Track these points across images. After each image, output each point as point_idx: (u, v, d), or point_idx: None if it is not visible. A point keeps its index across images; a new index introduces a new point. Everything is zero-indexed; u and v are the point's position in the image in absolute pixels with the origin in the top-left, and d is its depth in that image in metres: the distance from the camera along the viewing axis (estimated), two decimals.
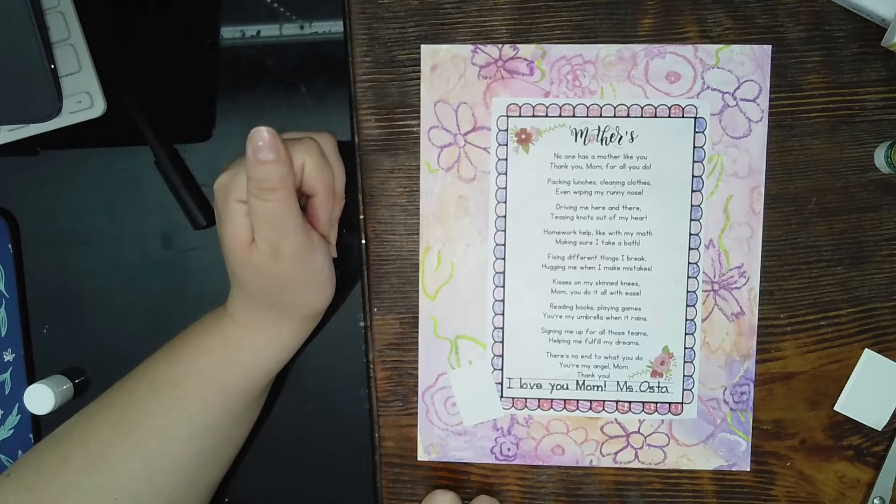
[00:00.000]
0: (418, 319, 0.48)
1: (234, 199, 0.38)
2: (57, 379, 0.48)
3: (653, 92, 0.46)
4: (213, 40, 0.48)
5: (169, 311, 0.49)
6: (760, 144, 0.46)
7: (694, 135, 0.46)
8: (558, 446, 0.48)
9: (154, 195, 0.48)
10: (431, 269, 0.48)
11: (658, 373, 0.48)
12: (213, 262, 0.48)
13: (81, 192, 0.49)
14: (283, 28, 0.48)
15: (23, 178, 0.49)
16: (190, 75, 0.49)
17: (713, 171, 0.46)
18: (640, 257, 0.47)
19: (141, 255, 0.49)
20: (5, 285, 0.49)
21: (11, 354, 0.49)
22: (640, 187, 0.47)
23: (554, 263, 0.47)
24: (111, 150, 0.49)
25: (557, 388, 0.48)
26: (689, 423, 0.48)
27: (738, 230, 0.47)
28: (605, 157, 0.47)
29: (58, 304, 0.49)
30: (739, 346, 0.47)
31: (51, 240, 0.49)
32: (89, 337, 0.49)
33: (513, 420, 0.48)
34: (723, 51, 0.46)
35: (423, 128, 0.47)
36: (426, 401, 0.48)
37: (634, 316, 0.47)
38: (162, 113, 0.47)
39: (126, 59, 0.47)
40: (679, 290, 0.47)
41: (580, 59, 0.46)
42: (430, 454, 0.49)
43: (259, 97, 0.48)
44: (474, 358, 0.48)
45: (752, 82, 0.46)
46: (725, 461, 0.48)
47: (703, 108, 0.46)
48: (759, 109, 0.46)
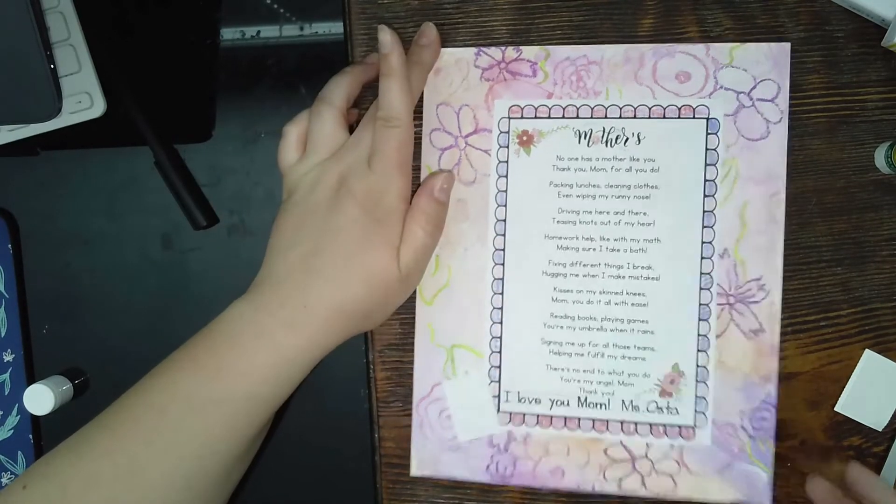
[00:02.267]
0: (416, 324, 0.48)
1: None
2: (57, 379, 0.48)
3: (661, 92, 0.44)
4: (213, 40, 0.48)
5: (169, 312, 0.49)
6: (780, 147, 0.44)
7: (706, 136, 0.44)
8: (558, 468, 0.45)
9: (154, 195, 0.48)
10: (429, 273, 0.46)
11: (667, 392, 0.44)
12: (213, 262, 0.48)
13: (81, 192, 0.49)
14: (283, 28, 0.48)
15: (23, 178, 0.49)
16: (190, 75, 0.49)
17: (727, 176, 0.44)
18: (647, 266, 0.44)
19: (141, 255, 0.49)
20: (5, 285, 0.49)
21: (11, 355, 0.49)
22: (648, 191, 0.44)
23: (555, 270, 0.45)
24: (111, 150, 0.49)
25: (558, 404, 0.45)
26: (702, 451, 0.44)
27: (756, 239, 0.44)
28: (609, 159, 0.45)
29: (58, 304, 0.49)
30: (759, 367, 0.44)
31: (51, 240, 0.49)
32: (89, 337, 0.49)
33: (510, 437, 0.46)
34: (737, 49, 0.44)
35: (425, 130, 0.47)
36: (420, 412, 0.46)
37: (641, 329, 0.45)
38: (162, 113, 0.48)
39: (126, 59, 0.47)
40: (690, 302, 0.44)
41: (585, 59, 0.45)
42: (422, 470, 0.47)
43: (259, 97, 0.48)
44: (470, 369, 0.46)
45: (770, 81, 0.44)
46: (744, 496, 0.44)
47: (716, 109, 0.44)
48: (777, 110, 0.44)
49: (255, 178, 0.48)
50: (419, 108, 0.47)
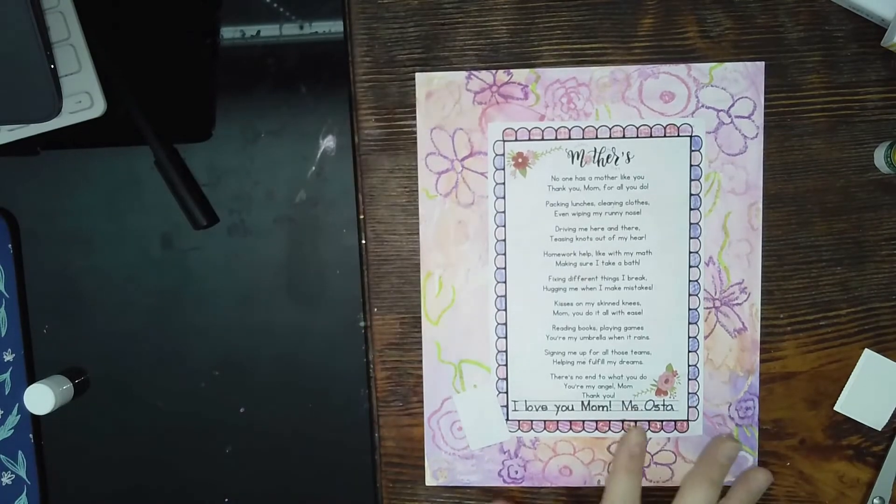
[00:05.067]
0: (419, 320, 0.48)
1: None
2: (57, 379, 0.48)
3: (647, 112, 0.47)
4: (213, 40, 0.48)
5: (169, 311, 0.49)
6: (757, 161, 0.46)
7: (690, 153, 0.47)
8: (566, 467, 0.48)
9: (154, 195, 0.48)
10: (433, 294, 0.48)
11: (663, 391, 0.48)
12: (213, 262, 0.49)
13: (81, 192, 0.49)
14: (283, 28, 0.48)
15: (23, 178, 0.49)
16: (190, 75, 0.49)
17: (710, 189, 0.47)
18: (640, 276, 0.47)
19: (141, 255, 0.49)
20: (5, 285, 0.49)
21: (11, 354, 0.49)
22: (639, 207, 0.47)
23: (555, 285, 0.48)
24: (111, 150, 0.49)
25: (563, 409, 0.48)
26: (695, 440, 0.48)
27: (737, 246, 0.47)
28: (602, 178, 0.47)
29: (58, 304, 0.49)
30: (743, 361, 0.47)
31: (51, 240, 0.49)
32: (89, 337, 0.49)
33: (519, 442, 0.48)
34: (716, 69, 0.46)
35: (420, 154, 0.47)
36: (432, 426, 0.48)
37: (637, 335, 0.48)
38: (162, 113, 0.47)
39: (126, 59, 0.47)
40: (680, 307, 0.47)
41: (574, 81, 0.47)
42: (437, 479, 0.49)
43: (259, 97, 0.48)
44: (479, 382, 0.48)
45: (747, 99, 0.46)
46: (733, 477, 0.47)
47: (699, 127, 0.46)
48: (754, 126, 0.46)
49: (255, 178, 0.48)
50: (413, 133, 0.47)
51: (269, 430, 0.49)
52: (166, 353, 0.49)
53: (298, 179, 0.48)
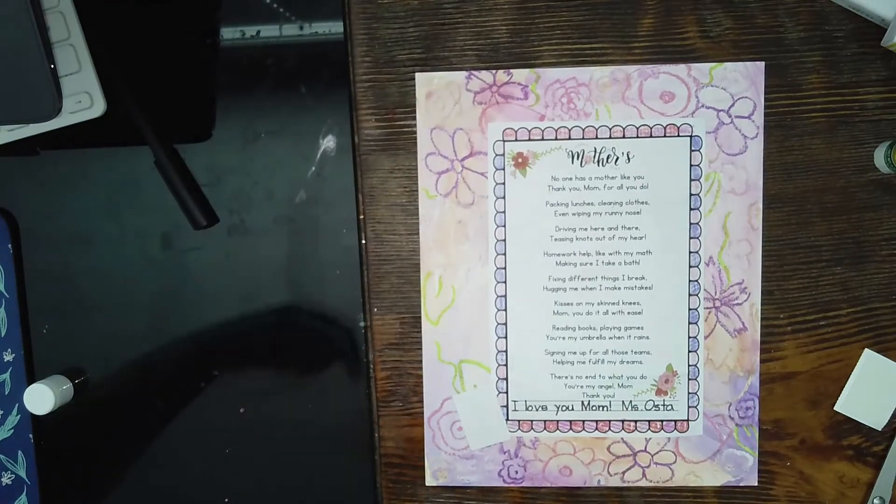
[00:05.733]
0: (419, 320, 0.48)
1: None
2: (57, 379, 0.48)
3: (647, 112, 0.47)
4: (213, 40, 0.48)
5: (169, 311, 0.49)
6: (757, 161, 0.46)
7: (690, 153, 0.47)
8: (566, 467, 0.48)
9: (154, 195, 0.48)
10: (433, 294, 0.48)
11: (663, 391, 0.48)
12: (213, 262, 0.49)
13: (81, 192, 0.49)
14: (283, 28, 0.48)
15: (23, 178, 0.49)
16: (190, 75, 0.49)
17: (710, 189, 0.47)
18: (640, 276, 0.47)
19: (141, 255, 0.49)
20: (5, 285, 0.49)
21: (11, 354, 0.49)
22: (639, 207, 0.47)
23: (555, 285, 0.48)
24: (111, 150, 0.49)
25: (563, 409, 0.48)
26: (695, 440, 0.48)
27: (737, 246, 0.47)
28: (602, 178, 0.47)
29: (58, 304, 0.49)
30: (743, 361, 0.47)
31: (51, 240, 0.49)
32: (89, 337, 0.49)
33: (519, 443, 0.48)
34: (716, 69, 0.46)
35: (420, 154, 0.47)
36: (432, 426, 0.49)
37: (637, 335, 0.48)
38: (162, 113, 0.47)
39: (126, 59, 0.47)
40: (680, 307, 0.47)
41: (574, 81, 0.47)
42: (437, 479, 0.49)
43: (259, 97, 0.48)
44: (479, 382, 0.48)
45: (747, 99, 0.46)
46: (733, 477, 0.48)
47: (699, 127, 0.46)
48: (754, 126, 0.46)
49: (255, 178, 0.48)
50: (413, 133, 0.47)
51: (269, 431, 0.49)
52: (166, 353, 0.49)
53: (298, 179, 0.48)
